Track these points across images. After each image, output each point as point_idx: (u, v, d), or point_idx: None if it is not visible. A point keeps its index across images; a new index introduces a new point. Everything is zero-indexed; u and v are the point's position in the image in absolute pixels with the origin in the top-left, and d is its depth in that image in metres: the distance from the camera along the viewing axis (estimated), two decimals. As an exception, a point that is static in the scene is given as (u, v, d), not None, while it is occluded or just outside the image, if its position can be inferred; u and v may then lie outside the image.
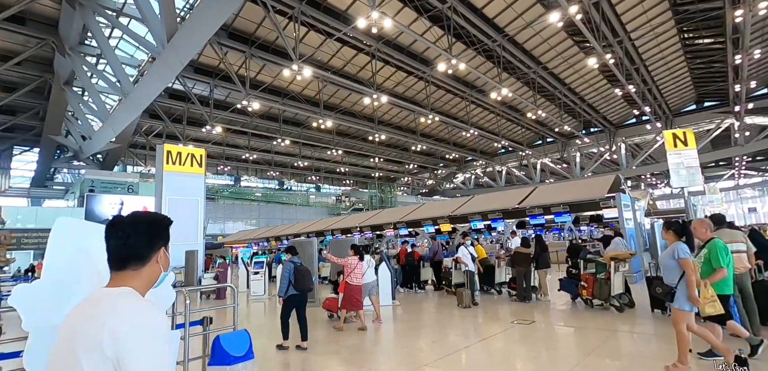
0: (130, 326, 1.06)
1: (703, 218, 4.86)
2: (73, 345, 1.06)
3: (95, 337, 1.04)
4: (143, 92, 14.67)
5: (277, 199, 42.61)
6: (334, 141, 32.63)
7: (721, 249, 4.24)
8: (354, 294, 6.94)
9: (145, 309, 1.13)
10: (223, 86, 23.33)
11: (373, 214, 16.97)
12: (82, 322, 1.09)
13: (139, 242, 1.24)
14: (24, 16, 16.83)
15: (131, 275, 1.23)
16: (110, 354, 1.02)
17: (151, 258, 1.27)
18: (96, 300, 1.14)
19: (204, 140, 32.47)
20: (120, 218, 1.28)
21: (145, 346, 1.05)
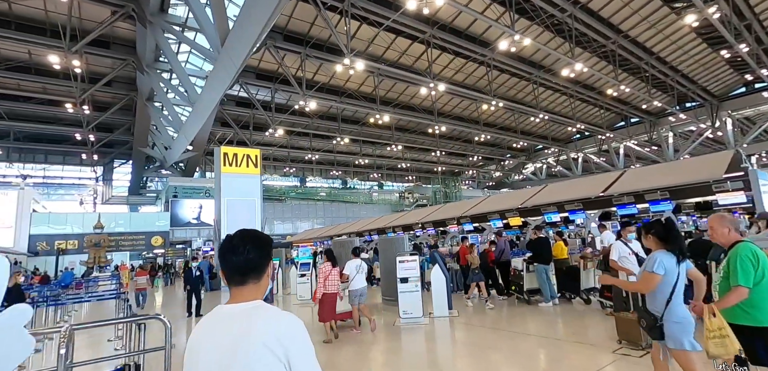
0: (292, 327, 1.27)
1: (723, 214, 3.35)
2: (238, 357, 1.20)
3: (266, 345, 1.21)
4: (206, 99, 15.31)
5: (341, 198, 43.26)
6: (393, 137, 32.07)
7: (745, 258, 2.76)
8: (330, 303, 6.56)
9: (291, 314, 1.32)
10: (284, 90, 23.87)
11: (435, 209, 15.95)
12: (243, 336, 1.23)
13: (257, 258, 1.36)
14: (108, 40, 18.60)
15: (253, 289, 1.36)
16: (282, 356, 1.22)
17: (266, 271, 1.41)
18: (242, 315, 1.28)
19: (270, 143, 33.88)
20: (238, 237, 1.39)
21: (306, 343, 1.28)
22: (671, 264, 2.86)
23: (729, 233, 2.97)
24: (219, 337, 1.26)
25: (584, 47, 20.72)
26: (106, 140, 28.94)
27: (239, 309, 1.30)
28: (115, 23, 17.22)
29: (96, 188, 33.75)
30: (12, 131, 27.14)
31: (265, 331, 1.23)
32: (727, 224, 2.98)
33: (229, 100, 25.63)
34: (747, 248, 2.80)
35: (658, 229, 3.02)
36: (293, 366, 1.22)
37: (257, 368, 1.19)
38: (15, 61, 19.39)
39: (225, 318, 1.30)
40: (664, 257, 2.87)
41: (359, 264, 7.12)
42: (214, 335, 1.28)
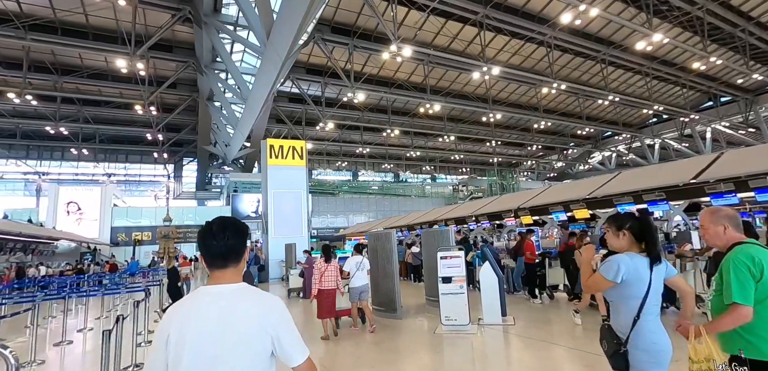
0: (277, 307, 1.43)
1: (717, 207, 2.43)
2: (232, 333, 1.32)
3: (260, 316, 1.36)
4: (257, 94, 15.59)
5: (393, 191, 42.95)
6: (445, 127, 30.97)
7: (740, 265, 1.97)
8: (325, 300, 6.27)
9: (273, 296, 1.49)
10: (333, 84, 23.90)
11: (490, 200, 14.85)
12: (236, 314, 1.34)
13: (236, 244, 1.45)
14: (170, 44, 19.73)
15: (233, 272, 1.46)
16: (271, 331, 1.36)
17: (244, 256, 1.50)
18: (234, 293, 1.40)
19: (322, 138, 34.40)
20: (218, 224, 1.46)
21: (288, 320, 1.43)
22: (640, 270, 2.11)
23: (724, 233, 2.13)
24: (209, 317, 1.33)
25: (664, 16, 18.21)
26: (174, 140, 31.15)
27: (226, 289, 1.40)
28: (176, 27, 18.20)
29: (168, 184, 36.60)
30: (97, 134, 30.15)
31: (255, 310, 1.37)
32: (722, 220, 2.13)
33: (282, 96, 26.22)
34: (744, 252, 1.99)
35: (634, 225, 2.24)
36: (280, 338, 1.38)
37: (252, 342, 1.33)
38: (95, 70, 21.33)
39: (212, 299, 1.37)
40: (630, 260, 2.13)
41: (360, 262, 6.78)
42: (203, 315, 1.34)
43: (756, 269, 1.92)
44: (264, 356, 1.36)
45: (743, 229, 2.20)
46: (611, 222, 2.32)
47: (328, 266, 6.43)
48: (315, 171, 42.03)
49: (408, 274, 13.92)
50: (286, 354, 1.39)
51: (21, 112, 25.65)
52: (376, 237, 7.86)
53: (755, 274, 1.91)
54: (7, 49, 18.71)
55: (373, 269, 7.49)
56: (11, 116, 26.29)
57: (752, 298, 1.90)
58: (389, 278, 7.58)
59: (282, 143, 11.35)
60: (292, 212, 11.74)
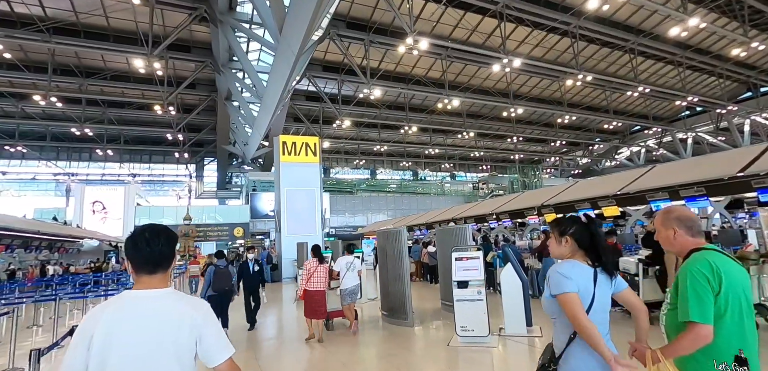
0: (200, 310, 1.47)
1: (670, 208, 2.00)
2: (160, 332, 1.38)
3: (183, 319, 1.41)
4: (271, 91, 15.45)
5: (412, 189, 42.44)
6: (465, 124, 30.24)
7: (697, 275, 1.66)
8: (314, 301, 6.15)
9: (200, 299, 1.56)
10: (350, 81, 23.65)
11: (512, 197, 14.21)
12: (161, 318, 1.40)
13: (168, 251, 1.51)
14: (189, 44, 19.88)
15: (162, 278, 1.49)
16: (195, 332, 1.42)
17: (172, 262, 1.55)
18: (160, 298, 1.44)
19: (339, 136, 34.25)
20: (150, 230, 1.50)
21: (213, 322, 1.48)
22: (583, 280, 1.83)
23: (674, 238, 1.84)
24: (138, 319, 1.38)
25: (697, 2, 17.08)
26: (194, 140, 31.61)
27: (154, 293, 1.45)
28: (193, 27, 18.31)
29: (190, 184, 37.27)
30: (121, 135, 30.94)
31: (181, 312, 1.43)
32: (672, 223, 1.85)
33: (299, 95, 26.16)
34: (700, 260, 1.69)
35: (579, 231, 1.94)
36: (202, 337, 1.43)
37: (178, 343, 1.39)
38: (118, 72, 21.76)
39: (141, 302, 1.42)
40: (571, 268, 1.85)
41: (350, 262, 6.65)
42: (130, 318, 1.38)
43: (715, 280, 1.63)
44: (190, 356, 1.42)
45: None
46: (554, 227, 2.02)
47: (318, 267, 6.31)
48: (333, 170, 42.00)
49: (424, 275, 13.48)
50: (207, 353, 1.44)
51: (50, 115, 26.52)
52: (385, 236, 7.24)
53: (714, 285, 1.62)
54: (33, 52, 19.28)
55: (382, 270, 7.07)
56: (41, 119, 27.24)
57: (712, 315, 1.60)
58: (399, 280, 6.95)
59: (295, 139, 11.09)
60: (305, 210, 11.48)
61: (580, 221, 1.97)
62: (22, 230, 12.41)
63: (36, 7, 16.23)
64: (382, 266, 7.16)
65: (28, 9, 16.18)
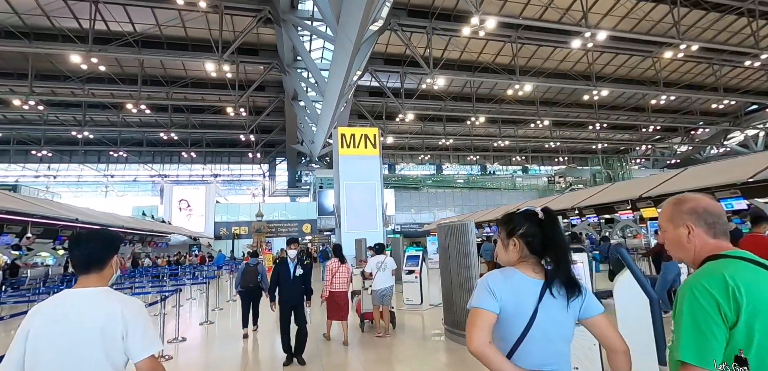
0: (130, 307, 1.54)
1: (681, 197, 1.26)
2: (86, 327, 1.45)
3: (112, 315, 1.48)
4: (332, 86, 15.29)
5: (480, 184, 40.48)
6: (538, 112, 27.81)
7: (704, 295, 1.05)
8: (336, 302, 5.90)
9: (132, 298, 1.61)
10: (413, 72, 22.92)
11: (598, 190, 12.36)
12: (90, 311, 1.48)
13: (99, 252, 1.59)
14: (256, 47, 20.64)
15: (96, 277, 1.58)
16: (120, 329, 1.48)
17: (108, 263, 1.62)
18: (90, 298, 1.52)
19: (403, 132, 33.68)
20: (81, 234, 1.64)
21: (141, 320, 1.53)
22: (521, 296, 1.34)
23: (689, 239, 1.22)
24: (68, 314, 1.46)
25: None
26: (265, 141, 33.22)
27: (88, 291, 1.54)
28: (260, 30, 18.96)
29: (263, 182, 39.45)
30: (204, 139, 33.58)
31: (111, 308, 1.49)
32: (689, 217, 1.23)
33: (362, 90, 26.05)
34: (711, 274, 1.09)
35: (530, 231, 1.40)
36: (128, 333, 1.49)
37: (106, 337, 1.46)
38: (197, 79, 23.44)
39: (74, 299, 1.51)
40: (504, 279, 1.36)
41: (382, 261, 6.18)
42: (61, 313, 1.47)
43: (729, 306, 1.02)
44: (119, 350, 1.48)
45: None
46: (501, 225, 1.53)
47: (340, 268, 6.03)
48: (397, 166, 41.62)
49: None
50: (130, 349, 1.49)
51: (145, 122, 29.58)
52: (447, 231, 5.86)
53: (728, 313, 1.02)
54: (127, 66, 21.42)
55: (444, 274, 6.02)
56: (138, 127, 30.51)
57: (715, 355, 1.01)
58: (465, 287, 5.54)
59: (354, 131, 10.64)
60: (365, 204, 11.01)
61: (533, 217, 1.45)
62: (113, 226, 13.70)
63: (126, 24, 17.89)
64: (443, 268, 6.08)
65: (120, 26, 17.89)
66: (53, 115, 26.88)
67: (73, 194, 35.25)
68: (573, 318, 1.39)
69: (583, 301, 1.40)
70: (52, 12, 16.46)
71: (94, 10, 15.83)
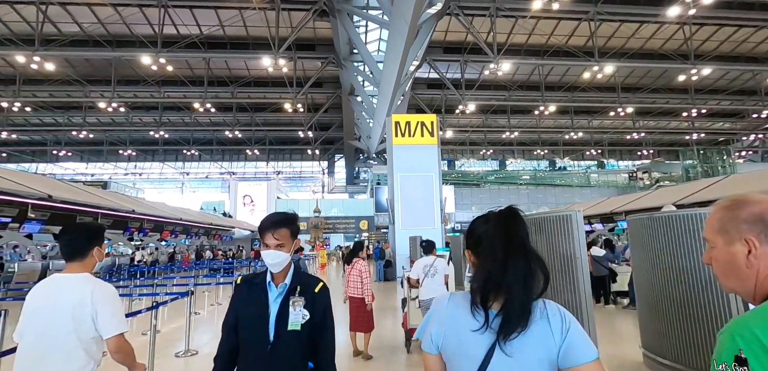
0: (101, 292, 1.78)
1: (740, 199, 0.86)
2: (60, 305, 1.73)
3: (84, 297, 1.74)
4: (387, 74, 14.53)
5: (549, 180, 37.44)
6: (619, 99, 24.70)
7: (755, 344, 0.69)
8: (353, 309, 5.10)
9: (105, 284, 1.86)
10: (475, 61, 21.49)
11: (709, 183, 10.08)
12: (67, 291, 1.76)
13: (81, 243, 1.84)
14: (313, 42, 20.57)
15: (79, 265, 1.83)
16: (89, 309, 1.73)
17: (88, 254, 1.85)
18: (68, 281, 1.80)
19: (464, 126, 32.09)
20: (73, 225, 1.92)
21: (110, 303, 1.79)
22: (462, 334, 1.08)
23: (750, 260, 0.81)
24: (50, 295, 1.77)
25: None
26: (324, 138, 33.53)
27: (70, 277, 1.80)
28: (316, 24, 18.82)
29: (323, 179, 40.09)
30: (266, 137, 34.81)
31: (85, 291, 1.75)
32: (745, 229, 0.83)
33: (419, 83, 25.06)
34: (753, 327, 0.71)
35: (489, 233, 1.12)
36: (97, 314, 1.75)
37: (78, 316, 1.73)
38: (259, 78, 24.10)
39: (57, 283, 1.81)
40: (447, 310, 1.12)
41: (430, 264, 4.85)
42: (44, 294, 1.78)
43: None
44: (88, 326, 1.74)
45: None
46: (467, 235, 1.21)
47: (350, 269, 5.17)
48: (457, 161, 39.94)
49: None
50: (100, 328, 1.75)
51: (214, 122, 31.27)
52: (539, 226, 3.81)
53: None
54: (197, 68, 22.52)
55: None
56: (207, 127, 32.39)
57: None
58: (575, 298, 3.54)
59: (409, 118, 9.74)
60: (422, 199, 10.06)
61: (496, 217, 1.11)
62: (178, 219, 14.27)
63: (193, 27, 18.68)
64: None
65: (188, 29, 18.73)
66: (137, 117, 29.37)
67: (156, 190, 38.57)
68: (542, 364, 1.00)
69: (563, 341, 1.00)
70: (127, 16, 17.61)
71: (163, 13, 16.64)
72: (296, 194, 39.52)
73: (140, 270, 12.26)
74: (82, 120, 27.97)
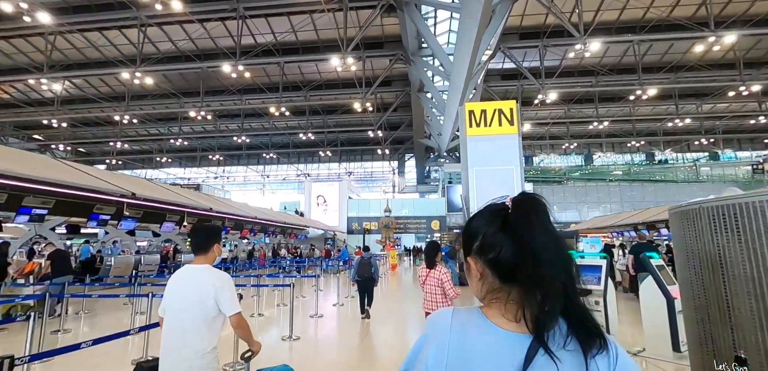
0: (221, 279, 2.22)
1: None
2: (191, 289, 2.20)
3: (207, 283, 2.19)
4: (458, 63, 13.63)
5: (646, 176, 33.03)
6: (740, 76, 20.70)
7: None
8: None
9: (222, 272, 2.30)
10: (556, 45, 19.55)
11: None
12: (195, 278, 2.23)
13: (203, 242, 2.33)
14: (381, 40, 20.33)
15: (202, 258, 2.32)
16: (212, 293, 2.17)
17: (210, 249, 2.33)
18: (197, 269, 2.27)
19: (542, 120, 29.68)
20: (196, 228, 2.44)
21: (228, 288, 2.22)
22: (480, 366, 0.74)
23: None
24: (182, 280, 2.26)
25: None
26: (393, 137, 33.30)
27: (196, 267, 2.29)
28: (383, 21, 18.56)
29: (393, 179, 39.96)
30: (338, 138, 35.62)
31: (207, 278, 2.20)
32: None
33: (493, 74, 23.56)
34: None
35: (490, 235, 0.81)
36: (219, 296, 2.18)
37: (203, 297, 2.17)
38: (330, 81, 24.61)
39: (187, 271, 2.29)
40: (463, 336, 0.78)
41: None
42: (178, 279, 2.28)
43: None
44: (212, 306, 2.17)
45: None
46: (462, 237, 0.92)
47: (429, 276, 4.17)
48: (536, 157, 37.11)
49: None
50: (223, 307, 2.19)
51: (290, 126, 32.78)
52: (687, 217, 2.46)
53: None
54: (272, 75, 23.63)
55: (686, 296, 2.55)
56: (284, 131, 34.07)
57: None
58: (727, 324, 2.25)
59: (485, 106, 8.74)
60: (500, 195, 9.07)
61: (497, 213, 0.83)
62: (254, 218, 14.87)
63: (269, 35, 19.54)
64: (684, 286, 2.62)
65: (263, 38, 19.65)
66: (223, 125, 31.89)
67: (241, 192, 41.73)
68: None
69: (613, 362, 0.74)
70: (211, 29, 18.95)
71: (241, 24, 17.59)
72: (367, 194, 39.94)
73: (226, 266, 13.00)
74: (178, 129, 31.12)
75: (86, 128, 31.63)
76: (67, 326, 6.98)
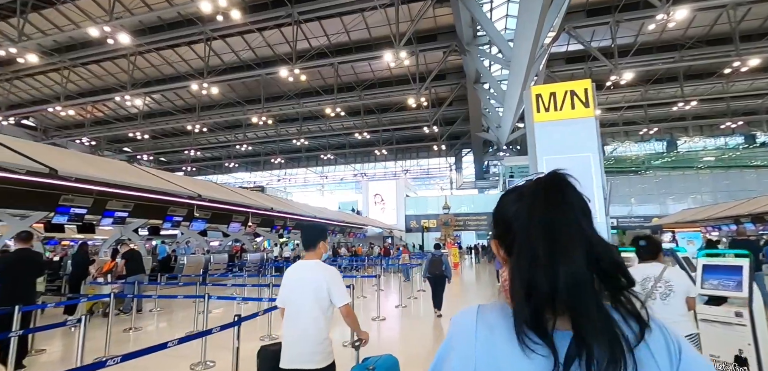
0: (331, 273, 2.47)
1: None
2: (306, 282, 2.45)
3: (320, 277, 2.43)
4: (518, 50, 12.68)
5: (745, 161, 28.79)
6: None
7: None
8: None
9: (331, 267, 2.55)
10: (630, 18, 17.58)
11: None
12: (309, 272, 2.47)
13: (312, 239, 2.56)
14: (434, 32, 19.72)
15: (313, 253, 2.55)
16: (325, 285, 2.41)
17: (317, 246, 2.56)
18: (309, 264, 2.50)
19: (614, 105, 27.09)
20: (303, 225, 2.72)
21: (338, 281, 2.47)
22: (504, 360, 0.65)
23: None
24: (298, 273, 2.51)
25: None
26: (449, 132, 32.39)
27: (307, 263, 2.52)
28: (435, 12, 17.98)
29: (451, 175, 38.97)
30: (393, 136, 35.47)
31: (319, 272, 2.45)
32: None
33: (556, 58, 21.87)
34: None
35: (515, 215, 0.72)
36: (330, 288, 2.42)
37: (317, 288, 2.41)
38: (383, 79, 24.48)
39: (302, 266, 2.53)
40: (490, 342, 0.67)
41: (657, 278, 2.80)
42: (295, 272, 2.53)
43: None
44: (325, 297, 2.42)
45: None
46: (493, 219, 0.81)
47: None
48: (608, 146, 34.02)
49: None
50: (333, 298, 2.43)
51: (345, 127, 33.27)
52: None
53: None
54: (327, 77, 24.02)
55: None
56: (340, 132, 34.66)
57: None
58: None
59: (554, 87, 7.79)
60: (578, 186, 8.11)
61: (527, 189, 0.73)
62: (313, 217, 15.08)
63: (322, 38, 19.84)
64: None
65: (318, 41, 19.99)
66: (283, 129, 33.21)
67: (302, 193, 43.29)
68: None
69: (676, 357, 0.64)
70: (269, 36, 19.66)
71: (296, 29, 18.02)
72: (424, 191, 39.38)
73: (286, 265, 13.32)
74: (243, 135, 32.94)
75: (165, 138, 34.69)
76: (139, 324, 7.19)
